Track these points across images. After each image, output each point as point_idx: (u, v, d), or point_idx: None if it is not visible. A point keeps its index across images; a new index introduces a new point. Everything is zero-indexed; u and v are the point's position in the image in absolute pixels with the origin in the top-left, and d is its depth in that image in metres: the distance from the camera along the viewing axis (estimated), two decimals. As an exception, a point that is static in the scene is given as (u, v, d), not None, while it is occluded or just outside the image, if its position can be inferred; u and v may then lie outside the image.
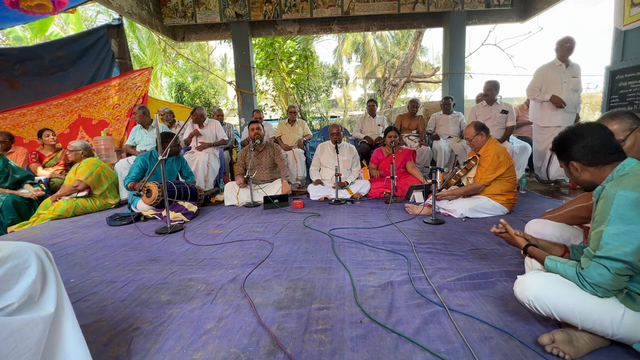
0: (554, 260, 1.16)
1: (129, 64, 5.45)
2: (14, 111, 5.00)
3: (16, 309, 0.79)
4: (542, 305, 1.09)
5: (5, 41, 10.77)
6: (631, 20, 3.37)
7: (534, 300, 1.10)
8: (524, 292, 1.14)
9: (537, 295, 1.10)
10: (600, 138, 1.15)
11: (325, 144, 4.07)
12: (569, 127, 1.26)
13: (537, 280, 1.14)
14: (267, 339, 1.21)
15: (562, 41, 3.73)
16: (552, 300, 1.08)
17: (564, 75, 3.79)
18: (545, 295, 1.09)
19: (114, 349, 1.19)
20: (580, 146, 1.17)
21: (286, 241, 2.31)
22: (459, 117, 4.90)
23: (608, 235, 0.99)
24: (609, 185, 1.05)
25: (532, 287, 1.12)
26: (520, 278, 1.19)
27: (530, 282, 1.14)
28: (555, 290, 1.09)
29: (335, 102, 21.88)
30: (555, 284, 1.11)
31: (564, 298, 1.07)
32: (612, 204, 1.00)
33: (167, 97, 12.86)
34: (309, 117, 10.25)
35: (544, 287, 1.11)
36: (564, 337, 1.09)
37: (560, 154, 1.27)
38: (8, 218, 3.20)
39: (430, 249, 2.05)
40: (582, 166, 1.18)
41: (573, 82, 3.79)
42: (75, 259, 2.13)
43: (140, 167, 3.23)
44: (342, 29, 6.40)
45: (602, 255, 0.99)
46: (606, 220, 1.00)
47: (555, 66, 3.83)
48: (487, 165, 2.69)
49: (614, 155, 1.14)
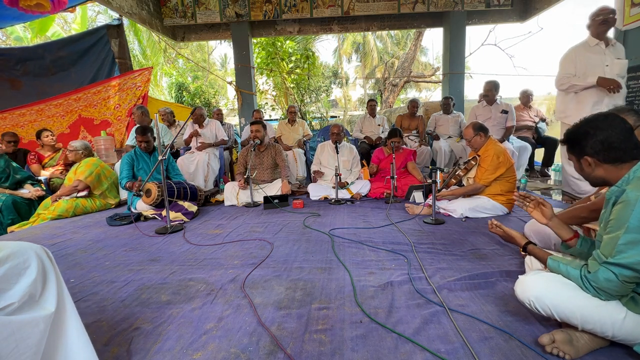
0: (556, 261, 1.15)
1: (129, 64, 5.45)
2: (14, 111, 5.00)
3: (17, 309, 0.80)
4: (543, 306, 1.09)
5: (6, 41, 10.78)
6: (631, 20, 3.37)
7: (534, 300, 1.10)
8: (525, 293, 1.13)
9: (537, 296, 1.09)
10: (621, 133, 1.05)
11: (326, 144, 4.07)
12: (584, 119, 1.14)
13: (538, 280, 1.13)
14: (267, 339, 1.21)
15: (596, 13, 2.83)
16: (553, 301, 1.07)
17: (605, 56, 2.85)
18: (546, 296, 1.08)
19: (114, 349, 1.19)
20: (598, 140, 1.07)
21: (286, 241, 2.31)
22: (459, 117, 4.90)
23: (624, 243, 0.94)
24: (630, 188, 0.98)
25: (533, 288, 1.11)
26: (521, 278, 1.18)
27: (531, 282, 1.14)
28: (557, 291, 1.08)
29: (335, 102, 21.88)
30: (556, 285, 1.10)
31: (565, 299, 1.06)
32: (632, 210, 0.94)
33: (167, 97, 12.87)
34: (309, 117, 10.25)
35: (545, 288, 1.10)
36: (564, 337, 1.09)
37: (572, 147, 1.15)
38: (8, 218, 3.20)
39: (430, 249, 2.05)
40: (597, 162, 1.09)
41: (618, 65, 2.85)
42: (75, 259, 2.13)
43: (128, 164, 3.26)
44: (342, 29, 6.40)
45: (614, 262, 0.96)
46: (624, 227, 0.94)
47: (590, 46, 2.91)
48: (487, 166, 2.69)
49: (633, 152, 1.05)
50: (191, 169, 4.06)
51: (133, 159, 3.30)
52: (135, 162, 3.30)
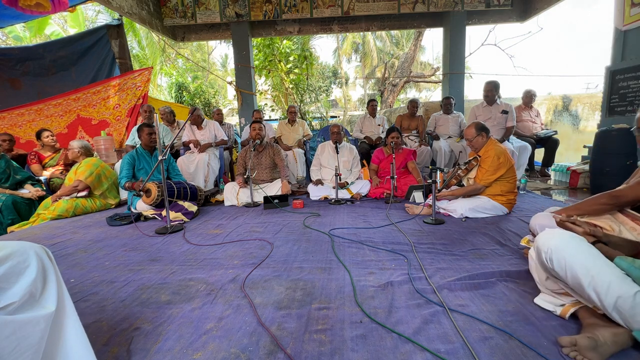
0: (627, 262, 1.06)
1: (129, 64, 5.46)
2: (13, 111, 5.00)
3: (17, 308, 0.80)
4: (559, 258, 1.05)
5: (6, 40, 10.77)
6: (631, 20, 3.38)
7: (553, 249, 1.06)
8: (547, 241, 1.09)
9: (558, 246, 1.06)
10: None
11: (326, 144, 4.08)
12: None
13: (566, 234, 1.10)
14: (267, 339, 1.21)
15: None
16: (571, 254, 1.04)
17: None
18: (566, 248, 1.05)
19: (114, 349, 1.19)
20: None
21: (286, 241, 2.31)
22: (458, 117, 4.90)
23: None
24: None
25: (557, 237, 1.08)
26: (548, 229, 1.15)
27: (558, 232, 1.10)
28: (577, 247, 1.05)
29: (335, 102, 21.90)
30: (579, 242, 1.07)
31: (583, 256, 1.03)
32: None
33: (166, 97, 12.87)
34: (308, 117, 10.26)
35: (568, 240, 1.07)
36: (588, 343, 1.03)
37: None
38: (8, 218, 3.20)
39: (430, 249, 2.05)
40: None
41: None
42: (75, 259, 2.13)
43: (130, 163, 3.25)
44: (342, 29, 6.40)
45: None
46: None
47: None
48: (488, 167, 2.69)
49: None
50: (191, 169, 4.06)
51: (134, 158, 3.30)
52: (136, 162, 3.30)
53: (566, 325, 1.21)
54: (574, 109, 7.44)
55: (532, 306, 1.35)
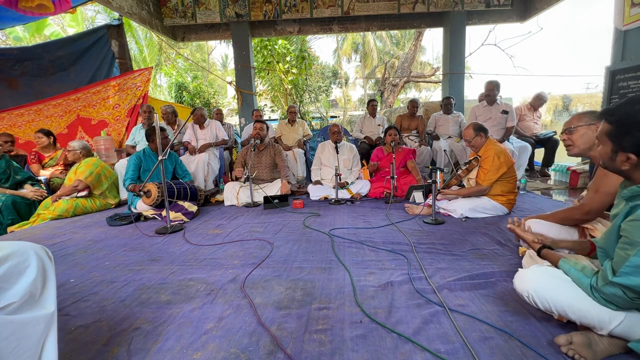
0: (568, 265, 1.11)
1: (129, 64, 5.45)
2: (12, 111, 4.99)
3: (17, 308, 0.80)
4: (542, 299, 1.08)
5: (6, 41, 10.77)
6: (631, 20, 3.37)
7: (533, 294, 1.09)
8: (524, 285, 1.12)
9: (536, 289, 1.08)
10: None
11: (326, 144, 4.08)
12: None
13: (537, 274, 1.13)
14: (267, 339, 1.21)
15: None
16: (551, 295, 1.06)
17: None
18: (544, 289, 1.07)
19: (114, 349, 1.19)
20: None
21: (286, 241, 2.31)
22: (458, 117, 4.91)
23: (633, 265, 0.89)
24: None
25: (531, 281, 1.11)
26: (521, 271, 1.19)
27: (530, 275, 1.13)
28: (555, 285, 1.07)
29: (335, 102, 21.89)
30: (555, 280, 1.09)
31: (564, 294, 1.06)
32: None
33: (166, 97, 12.87)
34: (308, 117, 10.26)
35: (543, 282, 1.10)
36: (582, 340, 1.05)
37: (618, 135, 0.96)
38: (8, 218, 3.20)
39: (430, 249, 2.05)
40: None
41: None
42: (75, 259, 2.12)
43: (136, 164, 3.24)
44: (342, 29, 6.40)
45: (620, 282, 0.92)
46: (636, 248, 0.89)
47: None
48: (489, 167, 2.69)
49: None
50: (191, 168, 4.06)
51: (141, 159, 3.28)
52: (143, 163, 3.28)
53: (566, 325, 1.21)
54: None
55: (532, 306, 1.35)
